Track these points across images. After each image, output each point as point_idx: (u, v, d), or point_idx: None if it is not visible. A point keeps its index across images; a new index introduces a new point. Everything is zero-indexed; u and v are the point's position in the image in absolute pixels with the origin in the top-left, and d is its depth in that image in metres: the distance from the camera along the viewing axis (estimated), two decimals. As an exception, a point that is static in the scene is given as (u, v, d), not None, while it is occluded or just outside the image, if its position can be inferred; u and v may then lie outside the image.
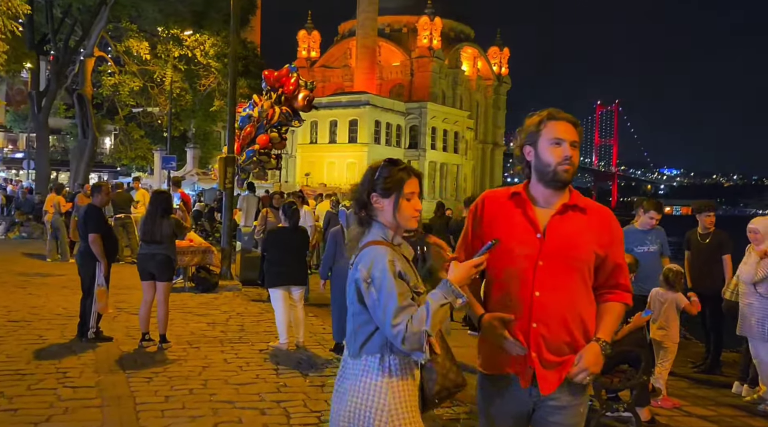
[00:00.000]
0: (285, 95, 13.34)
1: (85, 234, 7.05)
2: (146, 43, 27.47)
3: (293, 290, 7.36)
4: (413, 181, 2.41)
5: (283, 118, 13.27)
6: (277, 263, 7.29)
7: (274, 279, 7.29)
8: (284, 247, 7.31)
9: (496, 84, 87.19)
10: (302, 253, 7.49)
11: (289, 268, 7.28)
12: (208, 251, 11.35)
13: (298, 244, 7.42)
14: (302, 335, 7.43)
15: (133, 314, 8.53)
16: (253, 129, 12.93)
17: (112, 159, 38.15)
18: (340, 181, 53.31)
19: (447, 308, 2.21)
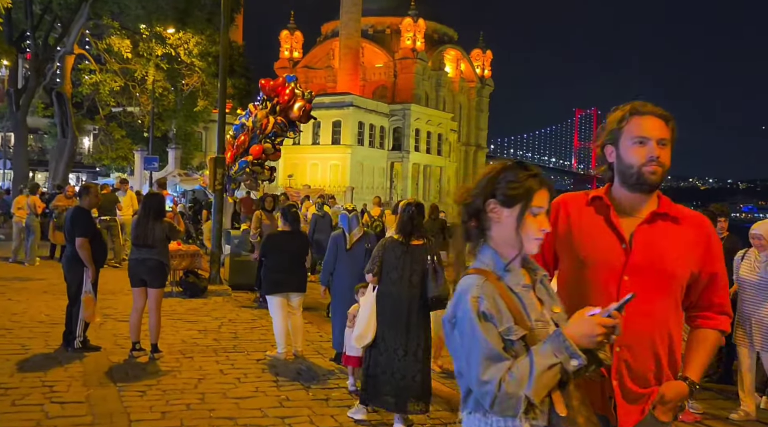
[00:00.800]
0: (280, 105, 12.94)
1: (72, 238, 6.67)
2: (128, 41, 26.87)
3: (292, 297, 7.05)
4: (544, 194, 1.88)
5: (277, 129, 12.89)
6: (276, 269, 6.97)
7: (273, 286, 6.97)
8: (284, 252, 6.99)
9: (479, 86, 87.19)
10: (302, 258, 7.17)
11: (289, 274, 6.97)
12: (196, 255, 10.99)
13: (298, 249, 7.11)
14: (301, 344, 7.12)
15: (121, 321, 8.16)
16: (247, 138, 12.55)
17: (92, 159, 37.40)
18: (323, 183, 52.85)
19: (557, 370, 1.69)
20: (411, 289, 5.03)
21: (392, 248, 5.10)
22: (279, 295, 6.96)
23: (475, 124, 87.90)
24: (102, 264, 6.97)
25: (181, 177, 35.30)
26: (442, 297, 4.99)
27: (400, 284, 5.04)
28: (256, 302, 10.20)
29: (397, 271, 5.05)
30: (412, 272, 5.04)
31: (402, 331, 4.99)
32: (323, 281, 6.80)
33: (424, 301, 5.06)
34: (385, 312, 5.07)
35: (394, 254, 5.07)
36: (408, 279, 5.04)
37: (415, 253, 5.05)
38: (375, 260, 5.13)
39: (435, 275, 4.99)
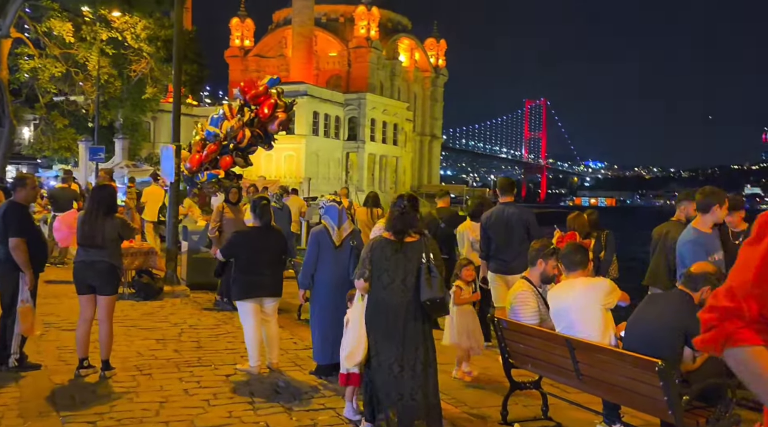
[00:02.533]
0: (259, 119, 11.93)
1: (4, 238, 5.66)
2: (70, 24, 25.25)
3: (266, 302, 6.20)
4: None
5: (253, 141, 11.91)
6: (247, 270, 6.11)
7: (244, 290, 6.11)
8: (256, 250, 6.13)
9: (433, 76, 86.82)
10: (278, 257, 6.31)
11: (263, 276, 6.12)
12: (150, 253, 9.99)
13: (272, 246, 6.25)
14: (276, 355, 6.29)
15: (65, 331, 7.17)
16: (218, 148, 11.51)
17: (33, 150, 35.36)
18: (277, 174, 51.60)
19: None
20: (405, 293, 4.28)
21: (381, 248, 4.35)
22: (251, 300, 6.10)
23: (430, 113, 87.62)
24: (41, 268, 5.97)
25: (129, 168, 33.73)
26: (437, 299, 4.25)
27: (392, 289, 4.28)
28: (217, 305, 9.27)
29: (388, 274, 4.30)
30: (406, 274, 4.29)
31: (397, 343, 4.24)
32: (303, 284, 5.96)
33: (420, 306, 4.31)
34: (377, 323, 4.31)
35: (384, 255, 4.32)
36: (401, 282, 4.28)
37: (409, 252, 4.30)
38: (365, 263, 4.36)
39: (429, 275, 4.24)
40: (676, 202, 6.22)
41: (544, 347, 4.35)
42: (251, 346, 6.07)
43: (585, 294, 4.17)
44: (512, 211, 6.84)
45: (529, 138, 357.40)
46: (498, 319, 4.77)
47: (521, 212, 6.91)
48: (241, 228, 9.53)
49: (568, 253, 4.42)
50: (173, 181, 10.46)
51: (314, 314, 5.93)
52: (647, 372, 3.59)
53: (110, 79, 28.50)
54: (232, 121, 12.05)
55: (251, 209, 6.42)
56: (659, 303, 3.81)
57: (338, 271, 5.80)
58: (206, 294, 10.21)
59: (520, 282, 4.79)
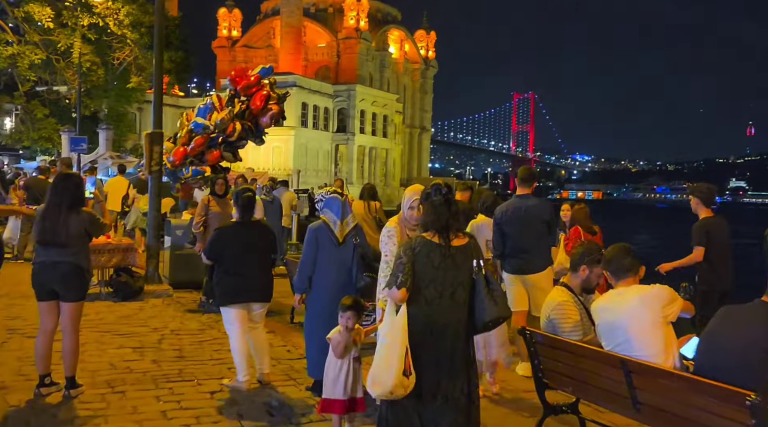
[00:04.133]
0: (251, 111, 11.09)
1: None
2: (49, 8, 24.25)
3: (254, 308, 5.48)
4: None
5: (243, 135, 11.08)
6: (232, 271, 5.37)
7: (229, 294, 5.39)
8: (241, 249, 5.40)
9: (423, 68, 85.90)
10: (266, 257, 5.59)
11: (249, 279, 5.39)
12: (129, 249, 9.21)
13: (259, 244, 5.53)
14: (267, 366, 5.57)
15: (32, 337, 6.37)
16: (206, 141, 10.68)
17: (12, 140, 34.28)
18: (266, 166, 50.64)
19: None
20: (455, 310, 3.53)
21: (427, 253, 3.54)
22: (237, 305, 5.38)
23: (419, 106, 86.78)
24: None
25: (113, 160, 32.75)
26: (502, 320, 3.56)
27: (440, 305, 3.52)
28: (202, 307, 8.52)
29: (435, 286, 3.52)
30: (455, 287, 3.53)
31: (443, 371, 3.50)
32: (299, 287, 5.21)
33: (469, 326, 3.58)
34: (418, 345, 3.51)
35: (431, 262, 3.52)
36: (450, 297, 3.52)
37: (458, 258, 3.55)
38: (403, 269, 3.52)
39: (488, 288, 3.50)
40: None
41: (591, 368, 3.64)
42: (239, 358, 5.34)
43: (641, 305, 3.46)
44: (531, 205, 6.12)
45: (517, 131, 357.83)
46: (531, 332, 4.06)
47: (541, 205, 6.18)
48: (228, 222, 8.83)
49: (615, 257, 3.69)
50: (154, 172, 9.66)
51: (310, 323, 5.18)
52: (731, 406, 2.90)
53: (93, 67, 27.52)
54: (222, 112, 11.25)
55: (234, 202, 5.68)
56: (742, 318, 3.11)
57: (340, 272, 5.08)
58: (190, 294, 9.46)
59: (558, 290, 4.07)
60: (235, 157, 11.68)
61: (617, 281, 3.65)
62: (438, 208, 3.60)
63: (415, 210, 4.62)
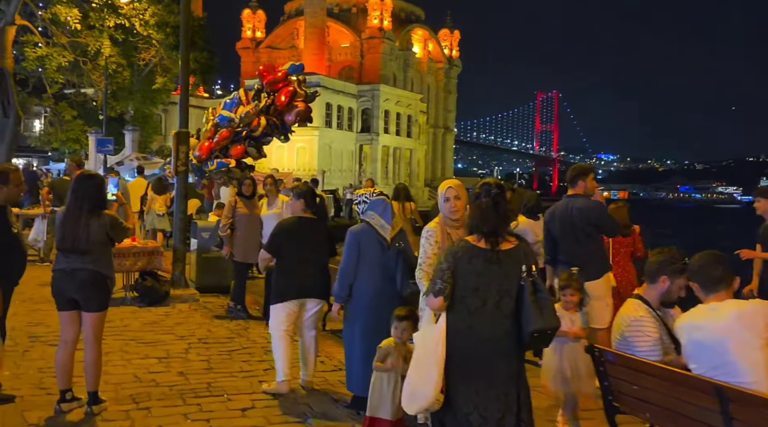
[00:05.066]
0: (275, 107, 10.87)
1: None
2: (76, 10, 24.17)
3: (309, 306, 5.24)
4: None
5: (268, 130, 10.86)
6: (289, 267, 5.17)
7: (282, 291, 5.17)
8: (298, 244, 5.18)
9: (447, 67, 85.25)
10: (324, 253, 5.35)
11: (305, 276, 5.17)
12: (155, 253, 8.89)
13: (318, 240, 5.32)
14: (312, 372, 5.33)
15: (54, 346, 6.06)
16: (231, 134, 10.45)
17: (41, 142, 34.46)
18: (290, 167, 50.49)
19: None
20: (500, 321, 3.16)
21: (469, 258, 3.18)
22: (290, 301, 5.14)
23: (443, 105, 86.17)
24: (16, 282, 4.83)
25: (140, 161, 32.78)
26: (550, 331, 3.13)
27: (483, 315, 3.15)
28: (230, 313, 8.17)
29: (478, 294, 3.15)
30: (501, 295, 3.15)
31: (482, 387, 3.12)
32: (340, 295, 4.82)
33: (517, 339, 3.17)
34: (457, 359, 3.15)
35: (474, 268, 3.16)
36: (494, 306, 3.14)
37: (505, 263, 3.16)
38: (443, 275, 3.18)
39: (535, 296, 3.10)
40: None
41: (676, 394, 3.19)
42: (281, 360, 5.12)
43: (739, 324, 3.00)
44: (577, 206, 5.64)
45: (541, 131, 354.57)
46: (600, 349, 3.62)
47: (585, 206, 5.65)
48: (256, 225, 8.49)
49: (703, 267, 3.23)
50: (180, 172, 9.36)
51: (352, 334, 4.80)
52: None
53: (119, 69, 27.47)
54: (247, 106, 11.00)
55: (295, 197, 5.37)
56: None
57: (383, 279, 4.70)
58: (217, 299, 9.14)
59: (633, 304, 3.61)
60: (260, 153, 11.42)
61: (707, 294, 3.19)
62: (485, 212, 3.22)
63: (452, 200, 4.25)
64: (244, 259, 8.38)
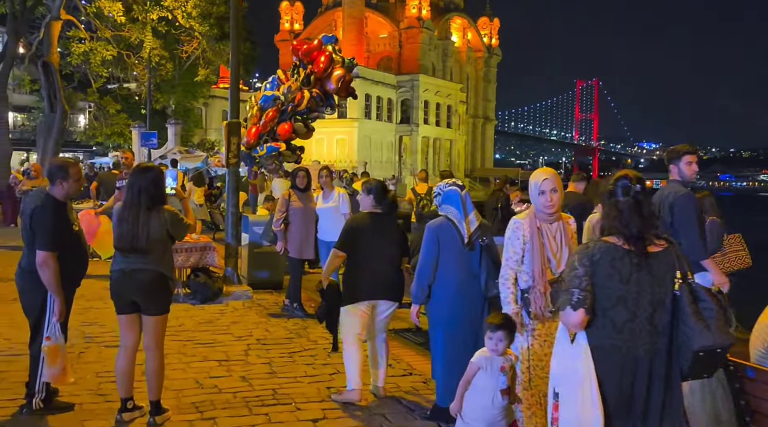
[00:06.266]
0: (315, 74, 10.57)
1: (30, 242, 4.26)
2: (119, 3, 24.16)
3: (381, 307, 4.84)
4: None
5: (312, 104, 10.57)
6: (360, 265, 4.79)
7: (353, 291, 4.80)
8: (370, 241, 4.79)
9: (486, 56, 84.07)
10: (397, 251, 4.93)
11: (377, 275, 4.77)
12: (207, 248, 8.62)
13: (391, 237, 4.91)
14: (383, 378, 4.94)
15: (111, 347, 5.81)
16: (276, 114, 10.17)
17: (86, 137, 34.85)
18: (330, 159, 50.31)
19: None
20: (654, 338, 2.66)
21: (611, 261, 2.68)
22: (362, 303, 4.77)
23: (482, 95, 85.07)
24: (77, 283, 4.52)
25: (182, 154, 32.91)
26: (720, 350, 2.61)
27: (633, 331, 2.66)
28: (286, 310, 7.84)
29: (625, 305, 2.65)
30: (654, 306, 2.65)
31: (635, 416, 2.65)
32: (418, 296, 4.41)
33: (674, 358, 2.69)
34: (605, 388, 2.67)
35: (618, 274, 2.66)
36: (647, 320, 2.65)
37: (656, 268, 2.66)
38: (581, 282, 2.68)
39: (696, 305, 2.61)
40: None
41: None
42: (352, 365, 4.75)
43: None
44: (665, 193, 5.07)
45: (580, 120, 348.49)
46: (736, 364, 3.13)
47: (670, 192, 5.04)
48: (311, 219, 8.12)
49: None
50: (232, 165, 9.05)
51: (435, 340, 4.40)
52: None
53: (162, 62, 27.48)
54: (288, 82, 10.77)
55: (365, 191, 4.96)
56: None
57: (466, 279, 4.27)
58: (271, 295, 8.84)
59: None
60: (307, 128, 11.13)
61: None
62: (626, 214, 2.71)
63: (548, 193, 3.77)
64: (299, 255, 8.03)
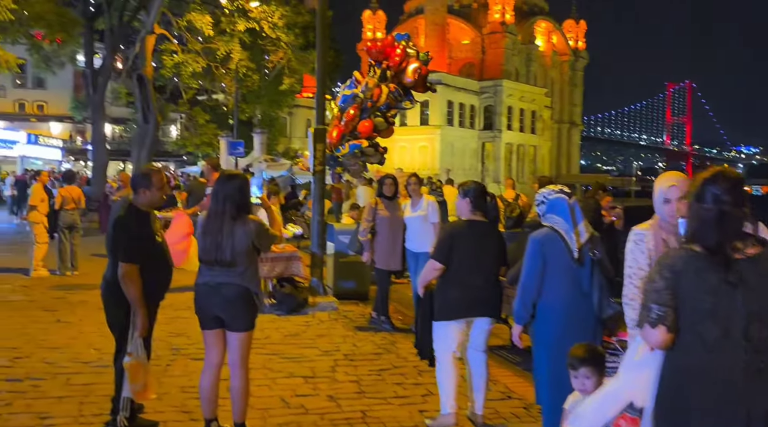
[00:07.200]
0: (391, 69, 10.42)
1: (114, 252, 4.11)
2: (209, 16, 24.83)
3: (479, 324, 4.46)
4: None
5: (391, 99, 10.42)
6: (456, 279, 4.38)
7: (447, 307, 4.41)
8: (469, 252, 4.39)
9: (572, 59, 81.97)
10: (496, 264, 4.54)
11: (474, 289, 4.37)
12: (293, 258, 8.45)
13: (490, 248, 4.50)
14: (482, 404, 4.51)
15: (196, 360, 5.66)
16: (358, 112, 10.05)
17: (177, 146, 36.11)
18: (412, 167, 50.14)
19: None
20: (752, 358, 2.22)
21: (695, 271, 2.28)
22: (456, 321, 4.39)
23: (568, 99, 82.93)
24: (161, 297, 4.35)
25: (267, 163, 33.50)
26: None
27: (725, 350, 2.23)
28: (373, 323, 7.54)
29: (716, 320, 2.24)
30: (751, 320, 2.22)
31: None
32: (520, 315, 3.98)
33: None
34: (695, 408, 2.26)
35: (704, 285, 2.27)
36: (742, 336, 2.22)
37: (749, 276, 2.25)
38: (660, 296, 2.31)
39: None
40: None
41: None
42: (447, 387, 4.37)
43: None
44: None
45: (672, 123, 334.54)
46: None
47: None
48: (399, 229, 7.80)
49: None
50: (318, 173, 8.86)
51: (539, 366, 3.95)
52: None
53: (248, 73, 28.08)
54: (363, 79, 10.63)
55: (462, 196, 4.58)
56: None
57: (576, 298, 3.81)
58: (357, 306, 8.57)
59: None
60: (388, 123, 10.92)
61: None
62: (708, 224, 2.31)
63: (673, 202, 3.29)
64: (386, 265, 7.72)
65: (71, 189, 10.97)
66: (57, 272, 10.64)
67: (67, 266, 10.70)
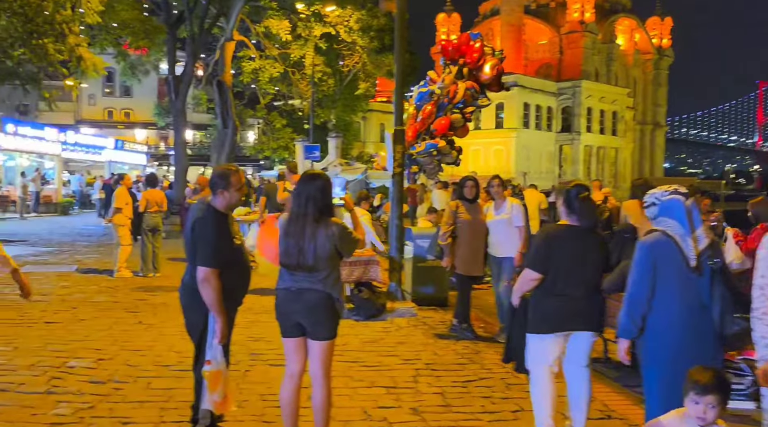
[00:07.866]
0: (468, 66, 10.16)
1: (193, 257, 3.95)
2: (287, 22, 25.15)
3: (577, 338, 4.10)
4: None
5: (468, 96, 10.13)
6: (555, 289, 4.05)
7: (544, 320, 4.08)
8: (569, 260, 4.05)
9: (656, 58, 78.87)
10: (598, 273, 4.16)
11: (574, 300, 4.03)
12: (371, 262, 8.25)
13: (592, 256, 4.12)
14: (583, 423, 4.14)
15: (276, 366, 5.52)
16: (434, 108, 9.82)
17: (255, 151, 36.82)
18: (486, 170, 49.38)
19: None
20: None
21: None
22: (554, 334, 4.06)
23: (652, 100, 79.89)
24: (239, 302, 4.16)
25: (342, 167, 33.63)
26: None
27: None
28: (453, 331, 7.23)
29: None
30: None
31: None
32: (629, 329, 3.60)
33: None
34: None
35: None
36: None
37: None
38: None
39: None
40: None
41: None
42: (542, 404, 4.04)
43: None
44: None
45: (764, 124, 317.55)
46: None
47: None
48: (481, 233, 7.46)
49: None
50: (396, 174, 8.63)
51: (651, 382, 3.56)
52: None
53: (324, 78, 28.31)
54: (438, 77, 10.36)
55: (563, 200, 4.22)
56: None
57: (693, 312, 3.41)
58: (436, 313, 8.29)
59: None
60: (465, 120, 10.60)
61: None
62: None
63: None
64: (467, 271, 7.39)
65: (154, 192, 11.16)
66: (139, 274, 10.85)
67: (149, 268, 10.89)
